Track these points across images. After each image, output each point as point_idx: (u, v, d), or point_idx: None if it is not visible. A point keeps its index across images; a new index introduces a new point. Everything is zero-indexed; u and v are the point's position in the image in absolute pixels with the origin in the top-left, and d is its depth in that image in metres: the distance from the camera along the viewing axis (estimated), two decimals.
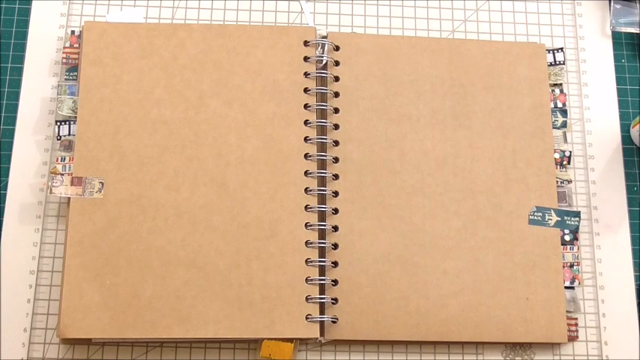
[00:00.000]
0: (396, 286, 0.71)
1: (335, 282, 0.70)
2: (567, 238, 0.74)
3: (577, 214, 0.74)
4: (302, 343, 0.71)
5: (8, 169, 0.73)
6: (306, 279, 0.70)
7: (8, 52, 0.77)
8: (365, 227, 0.72)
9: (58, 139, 0.73)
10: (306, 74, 0.75)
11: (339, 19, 0.80)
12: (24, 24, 0.78)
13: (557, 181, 0.75)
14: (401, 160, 0.74)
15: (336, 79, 0.76)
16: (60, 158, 0.72)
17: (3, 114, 0.75)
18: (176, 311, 0.68)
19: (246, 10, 0.80)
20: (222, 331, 0.68)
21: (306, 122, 0.74)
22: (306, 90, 0.75)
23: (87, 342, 0.69)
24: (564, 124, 0.77)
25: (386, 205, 0.72)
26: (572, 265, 0.73)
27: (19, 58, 0.77)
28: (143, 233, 0.70)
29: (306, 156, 0.73)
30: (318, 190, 0.72)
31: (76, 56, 0.76)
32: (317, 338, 0.69)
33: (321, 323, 0.69)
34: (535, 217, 0.73)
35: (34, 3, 0.79)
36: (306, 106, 0.74)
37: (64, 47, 0.76)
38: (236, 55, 0.75)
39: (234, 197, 0.71)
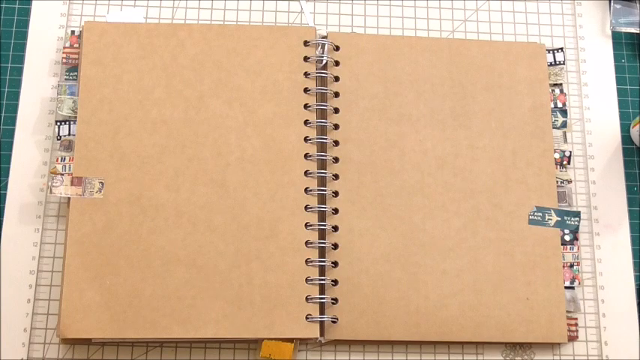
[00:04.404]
0: (396, 286, 0.71)
1: (335, 282, 0.70)
2: (567, 238, 0.74)
3: (577, 214, 0.74)
4: (302, 343, 0.71)
5: (8, 169, 0.73)
6: (306, 279, 0.70)
7: (8, 52, 0.77)
8: (365, 227, 0.72)
9: (58, 139, 0.73)
10: (306, 74, 0.75)
11: (339, 19, 0.80)
12: (24, 24, 0.78)
13: (557, 181, 0.75)
14: (401, 160, 0.74)
15: (336, 79, 0.76)
16: (60, 158, 0.72)
17: (3, 114, 0.75)
18: (176, 311, 0.68)
19: (246, 10, 0.80)
20: (222, 331, 0.68)
21: (306, 122, 0.74)
22: (306, 90, 0.75)
23: (87, 342, 0.69)
24: (564, 124, 0.77)
25: (386, 205, 0.72)
26: (572, 265, 0.73)
27: (19, 58, 0.77)
28: (143, 233, 0.70)
29: (306, 156, 0.73)
30: (318, 190, 0.72)
31: (76, 56, 0.76)
32: (317, 338, 0.69)
33: (321, 323, 0.69)
34: (535, 217, 0.73)
35: (34, 3, 0.79)
36: (306, 106, 0.74)
37: (64, 47, 0.76)
38: (236, 55, 0.75)
39: (234, 197, 0.71)
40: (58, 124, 0.74)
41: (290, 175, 0.72)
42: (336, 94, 0.75)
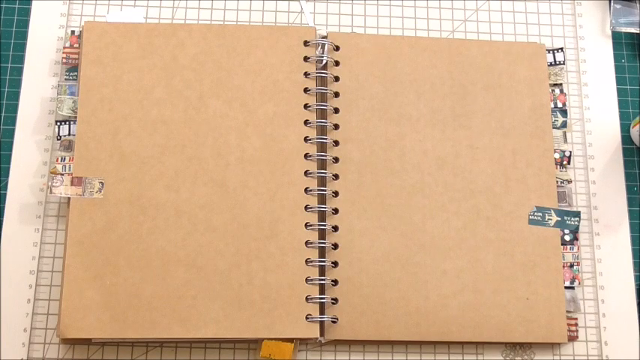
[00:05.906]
0: (396, 286, 0.71)
1: (335, 282, 0.70)
2: (567, 238, 0.74)
3: (577, 214, 0.74)
4: (302, 343, 0.71)
5: (8, 169, 0.73)
6: (306, 279, 0.70)
7: (8, 52, 0.77)
8: (365, 227, 0.72)
9: (58, 139, 0.73)
10: (306, 74, 0.75)
11: (339, 19, 0.80)
12: (24, 24, 0.78)
13: (557, 181, 0.75)
14: (401, 160, 0.74)
15: (336, 79, 0.76)
16: (60, 158, 0.72)
17: (3, 114, 0.75)
18: (176, 311, 0.68)
19: (246, 10, 0.80)
20: (222, 331, 0.68)
21: (306, 122, 0.74)
22: (306, 90, 0.75)
23: (87, 342, 0.69)
24: (564, 124, 0.77)
25: (386, 205, 0.72)
26: (572, 265, 0.73)
27: (19, 58, 0.77)
28: (143, 233, 0.70)
29: (306, 156, 0.73)
30: (318, 190, 0.72)
31: (76, 56, 0.76)
32: (317, 338, 0.69)
33: (321, 323, 0.69)
34: (535, 217, 0.73)
35: (34, 3, 0.79)
36: (306, 106, 0.74)
37: (64, 47, 0.76)
38: (236, 55, 0.75)
39: (234, 197, 0.71)
40: (58, 124, 0.74)
41: (290, 175, 0.72)
42: (336, 94, 0.75)
